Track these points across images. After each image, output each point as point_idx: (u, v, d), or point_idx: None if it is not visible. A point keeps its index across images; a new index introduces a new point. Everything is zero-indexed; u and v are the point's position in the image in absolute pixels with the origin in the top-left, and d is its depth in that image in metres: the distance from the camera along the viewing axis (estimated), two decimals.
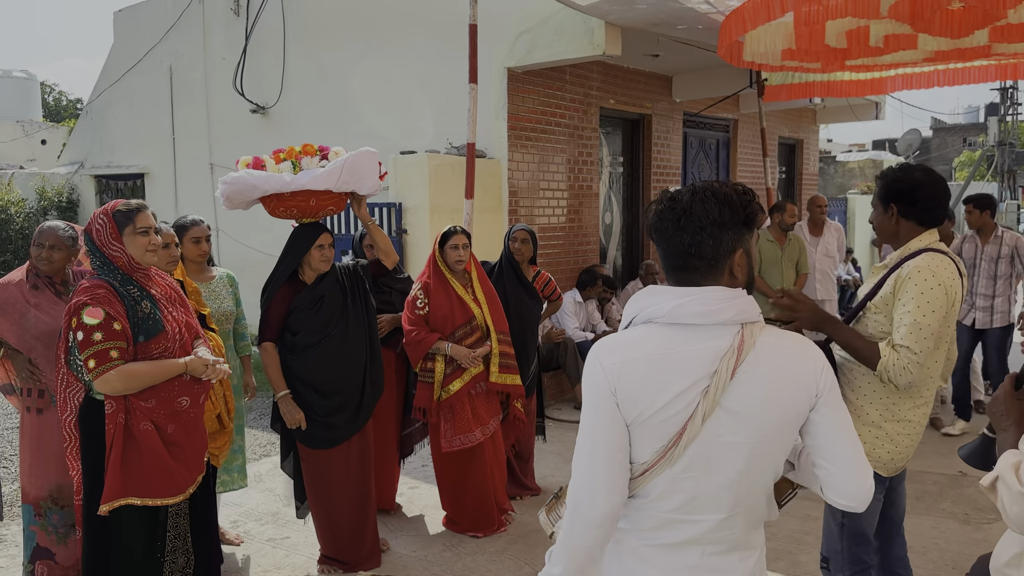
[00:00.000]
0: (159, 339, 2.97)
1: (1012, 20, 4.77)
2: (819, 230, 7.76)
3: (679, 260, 1.71)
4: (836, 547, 2.83)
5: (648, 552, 1.73)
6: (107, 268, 2.98)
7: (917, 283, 2.58)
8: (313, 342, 3.89)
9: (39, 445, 3.59)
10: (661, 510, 1.71)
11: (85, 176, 11.56)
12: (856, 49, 5.33)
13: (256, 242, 9.50)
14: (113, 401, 2.89)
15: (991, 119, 34.54)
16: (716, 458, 1.66)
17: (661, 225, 1.72)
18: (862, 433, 2.72)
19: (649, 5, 5.59)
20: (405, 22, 8.09)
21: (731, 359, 1.63)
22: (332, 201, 3.90)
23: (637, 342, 1.69)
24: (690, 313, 1.67)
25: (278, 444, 6.22)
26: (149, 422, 2.94)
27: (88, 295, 2.87)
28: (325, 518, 4.06)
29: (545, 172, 7.90)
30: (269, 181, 3.76)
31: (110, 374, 2.82)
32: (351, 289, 4.04)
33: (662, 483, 1.69)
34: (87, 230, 3.02)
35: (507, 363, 4.52)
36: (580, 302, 7.57)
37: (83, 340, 2.83)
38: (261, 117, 9.48)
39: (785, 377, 1.68)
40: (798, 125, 12.59)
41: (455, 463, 4.46)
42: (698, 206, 1.68)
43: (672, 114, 9.71)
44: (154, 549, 3.04)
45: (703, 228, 1.67)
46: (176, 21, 10.27)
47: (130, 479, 2.91)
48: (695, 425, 1.63)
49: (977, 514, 4.69)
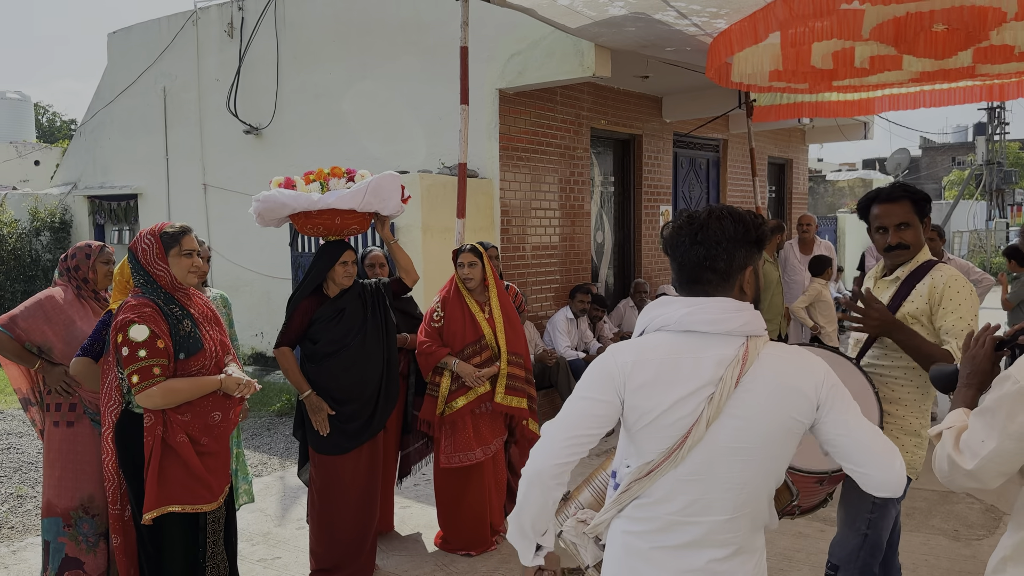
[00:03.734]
0: (198, 357, 3.11)
1: (995, 41, 4.85)
2: (808, 248, 7.82)
3: (693, 273, 1.82)
4: (851, 557, 2.84)
5: (655, 555, 1.80)
6: (151, 287, 3.12)
7: (959, 291, 2.69)
8: (332, 351, 4.05)
9: (71, 457, 3.67)
10: (665, 512, 1.78)
11: (78, 197, 11.57)
12: (842, 70, 5.42)
13: (249, 262, 9.53)
14: (152, 415, 3.04)
15: (979, 138, 34.91)
16: (719, 462, 1.75)
17: (678, 240, 1.83)
18: (904, 443, 2.79)
19: (638, 28, 5.66)
20: (398, 44, 8.17)
21: (736, 368, 1.73)
22: (356, 220, 4.09)
23: (650, 346, 1.80)
24: (699, 321, 1.77)
25: (269, 464, 6.25)
26: (184, 434, 3.09)
27: (135, 312, 3.00)
28: (326, 526, 4.11)
29: (537, 192, 7.95)
30: (298, 200, 3.96)
31: (152, 390, 2.96)
32: (372, 304, 4.22)
33: (666, 484, 1.77)
34: (132, 248, 3.16)
35: (515, 385, 4.50)
36: (571, 319, 7.59)
37: (128, 356, 2.96)
38: (255, 138, 9.52)
39: (785, 387, 1.76)
40: (787, 145, 12.71)
41: (453, 479, 4.48)
42: (714, 223, 1.79)
43: (662, 134, 9.79)
44: (197, 554, 3.21)
45: (718, 243, 1.78)
46: (170, 43, 10.34)
47: (170, 487, 3.06)
48: (699, 429, 1.72)
49: (967, 531, 4.71)
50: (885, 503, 2.79)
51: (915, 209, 2.81)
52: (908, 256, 2.85)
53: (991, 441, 1.75)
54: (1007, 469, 1.77)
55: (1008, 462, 1.76)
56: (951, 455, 1.84)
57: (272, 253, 8.91)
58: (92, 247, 3.82)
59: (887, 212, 2.83)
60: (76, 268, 3.78)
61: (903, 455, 2.77)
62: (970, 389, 2.02)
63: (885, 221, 2.83)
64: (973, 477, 1.80)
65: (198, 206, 10.11)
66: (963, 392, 2.03)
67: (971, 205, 31.86)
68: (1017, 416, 1.71)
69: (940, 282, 2.72)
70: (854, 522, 2.84)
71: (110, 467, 3.21)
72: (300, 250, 7.92)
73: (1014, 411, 1.71)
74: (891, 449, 1.79)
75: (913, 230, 2.81)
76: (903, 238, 2.81)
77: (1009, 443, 1.73)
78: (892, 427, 2.80)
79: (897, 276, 2.85)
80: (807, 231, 7.84)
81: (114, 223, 11.35)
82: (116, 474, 3.21)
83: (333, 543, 4.11)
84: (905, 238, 2.81)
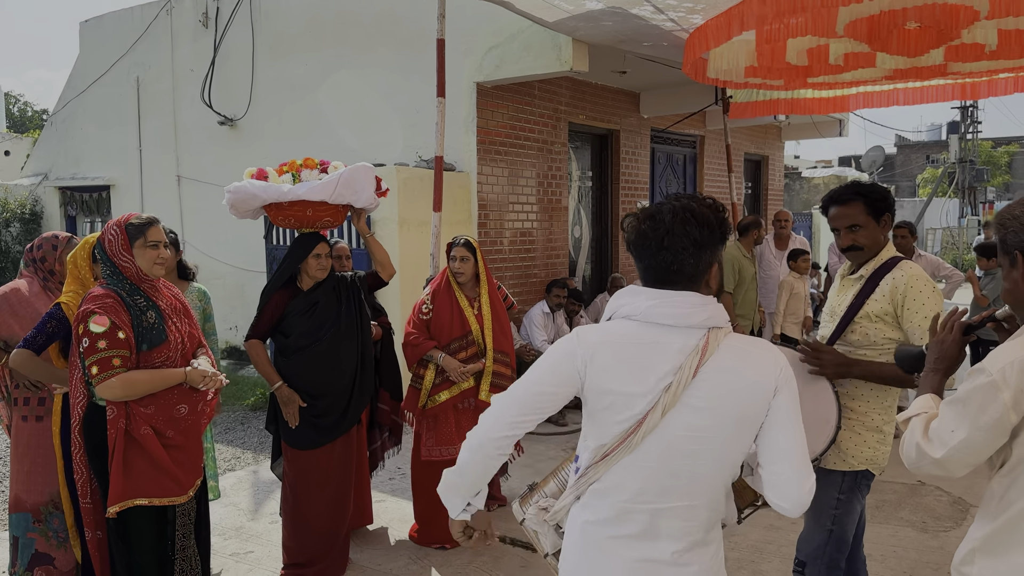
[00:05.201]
0: (161, 348, 3.09)
1: (966, 40, 4.92)
2: (784, 244, 7.88)
3: (661, 275, 1.82)
4: (818, 553, 2.86)
5: (610, 544, 1.82)
6: (116, 277, 3.10)
7: (921, 290, 2.70)
8: (304, 345, 4.01)
9: (40, 452, 3.62)
10: (619, 499, 1.80)
11: (49, 188, 11.39)
12: (817, 67, 5.46)
13: (223, 254, 9.44)
14: (115, 407, 3.01)
15: (952, 137, 35.33)
16: (674, 451, 1.76)
17: (643, 243, 1.81)
18: (867, 439, 2.80)
19: (615, 22, 5.67)
20: (375, 36, 8.12)
21: (695, 358, 1.74)
22: (329, 213, 4.06)
23: (614, 330, 1.82)
24: (663, 314, 1.78)
25: (242, 458, 6.21)
26: (148, 427, 3.06)
27: (96, 303, 2.98)
28: (299, 520, 4.08)
29: (515, 186, 7.95)
30: (268, 191, 3.94)
31: (112, 381, 2.94)
32: (346, 298, 4.18)
33: (620, 470, 1.79)
34: (99, 239, 3.13)
35: (500, 383, 4.45)
36: (548, 313, 7.60)
37: (88, 347, 2.94)
38: (229, 129, 9.43)
39: (745, 378, 1.77)
40: (764, 142, 12.79)
41: (433, 472, 4.37)
42: (679, 227, 1.77)
43: (640, 130, 9.82)
44: (165, 548, 3.19)
45: (685, 249, 1.77)
46: (143, 32, 10.20)
47: (135, 480, 3.04)
48: (655, 416, 1.73)
49: (934, 522, 4.77)
50: (849, 498, 2.82)
51: (869, 209, 2.79)
52: (864, 257, 2.85)
53: (961, 432, 1.77)
54: (974, 460, 1.80)
55: (976, 453, 1.78)
56: (920, 443, 1.85)
57: (247, 245, 8.84)
58: (59, 238, 3.75)
59: (838, 214, 2.84)
60: (42, 259, 3.71)
61: (866, 450, 2.80)
62: (937, 374, 2.04)
63: (837, 223, 2.85)
64: (940, 466, 1.82)
65: (171, 198, 9.99)
66: (930, 377, 2.04)
67: (944, 202, 32.28)
68: (988, 408, 1.73)
69: (901, 282, 2.73)
70: (819, 518, 2.87)
71: (79, 460, 3.17)
72: (275, 243, 7.85)
73: (985, 403, 1.73)
74: (808, 471, 1.79)
75: (866, 231, 2.81)
76: (855, 240, 2.82)
77: (979, 435, 1.75)
78: (854, 423, 2.81)
79: (861, 275, 2.86)
80: (784, 227, 7.90)
81: (86, 214, 11.20)
82: (86, 467, 3.18)
83: (306, 537, 4.09)
84: (857, 240, 2.82)
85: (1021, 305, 1.86)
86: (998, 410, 1.72)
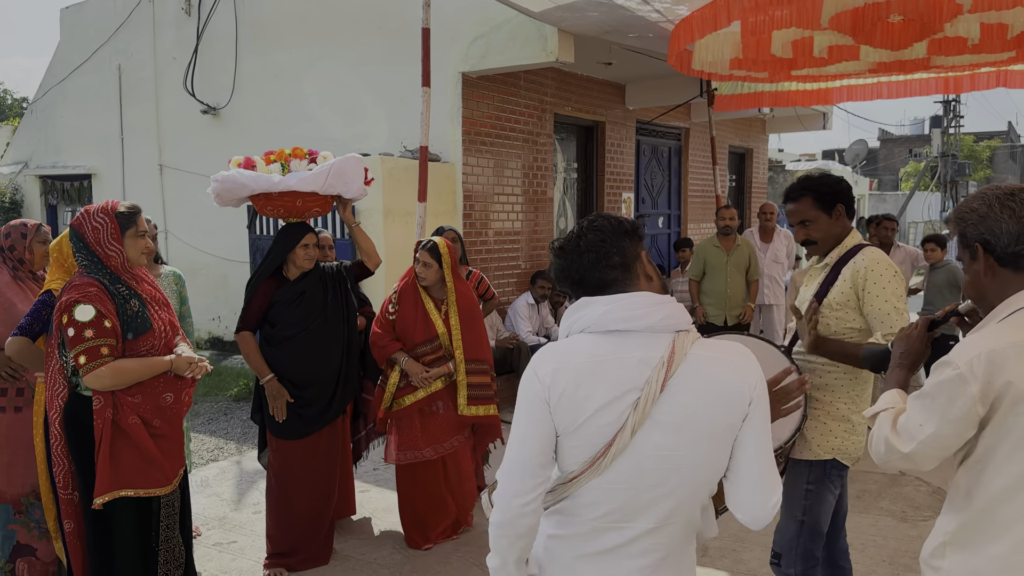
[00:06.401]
0: (147, 337, 3.05)
1: (948, 33, 4.95)
2: (769, 236, 7.91)
3: (595, 276, 1.75)
4: (791, 544, 2.88)
5: (578, 564, 1.74)
6: (96, 267, 3.04)
7: (881, 274, 2.71)
8: (291, 335, 4.01)
9: (20, 443, 3.55)
10: (589, 517, 1.71)
11: (30, 176, 11.27)
12: (801, 59, 5.48)
13: (205, 244, 9.38)
14: (101, 397, 2.97)
15: (935, 131, 35.60)
16: (646, 470, 1.66)
17: (567, 262, 1.78)
18: (833, 429, 2.81)
19: (600, 13, 5.66)
20: (359, 25, 8.07)
21: (661, 371, 1.63)
22: (318, 203, 4.05)
23: (570, 351, 1.71)
24: (618, 319, 1.69)
25: (226, 448, 6.18)
26: (136, 416, 3.02)
27: (79, 293, 2.93)
28: (283, 510, 4.08)
29: (500, 177, 7.94)
30: (258, 181, 3.90)
31: (101, 370, 2.90)
32: (332, 288, 4.16)
33: (590, 491, 1.69)
34: (76, 227, 3.05)
35: (480, 394, 4.29)
36: (533, 304, 7.61)
37: (74, 336, 2.89)
38: (212, 118, 9.35)
39: (717, 389, 1.66)
40: (748, 134, 12.84)
41: (404, 474, 4.38)
42: (588, 229, 1.77)
43: (625, 122, 9.83)
44: (150, 539, 3.15)
45: (603, 241, 1.74)
46: (125, 19, 10.09)
47: (123, 471, 3.00)
48: (624, 437, 1.63)
49: (914, 512, 4.83)
50: (819, 488, 2.83)
51: (818, 203, 2.82)
52: (821, 249, 2.89)
53: (929, 426, 1.78)
54: (943, 453, 1.81)
55: (945, 446, 1.79)
56: (888, 437, 1.86)
57: (229, 236, 8.78)
58: (28, 226, 3.67)
59: (790, 211, 2.90)
60: (11, 248, 3.62)
61: (832, 440, 2.82)
62: (902, 369, 2.06)
63: (791, 219, 2.91)
64: (909, 460, 1.83)
65: (154, 187, 9.91)
66: (896, 372, 2.06)
67: (926, 196, 32.55)
68: (956, 401, 1.74)
69: (862, 266, 2.74)
70: (791, 508, 2.89)
71: (59, 452, 3.14)
72: (258, 233, 7.81)
73: (954, 396, 1.74)
74: (774, 487, 1.72)
75: (816, 224, 2.84)
76: (808, 234, 2.87)
77: (947, 428, 1.76)
78: (819, 412, 2.82)
79: (826, 263, 2.89)
80: (769, 220, 7.93)
81: (67, 203, 11.08)
82: (66, 458, 3.14)
83: (290, 527, 4.08)
84: (810, 234, 2.87)
85: (983, 298, 1.87)
86: (966, 403, 1.73)
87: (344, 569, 4.14)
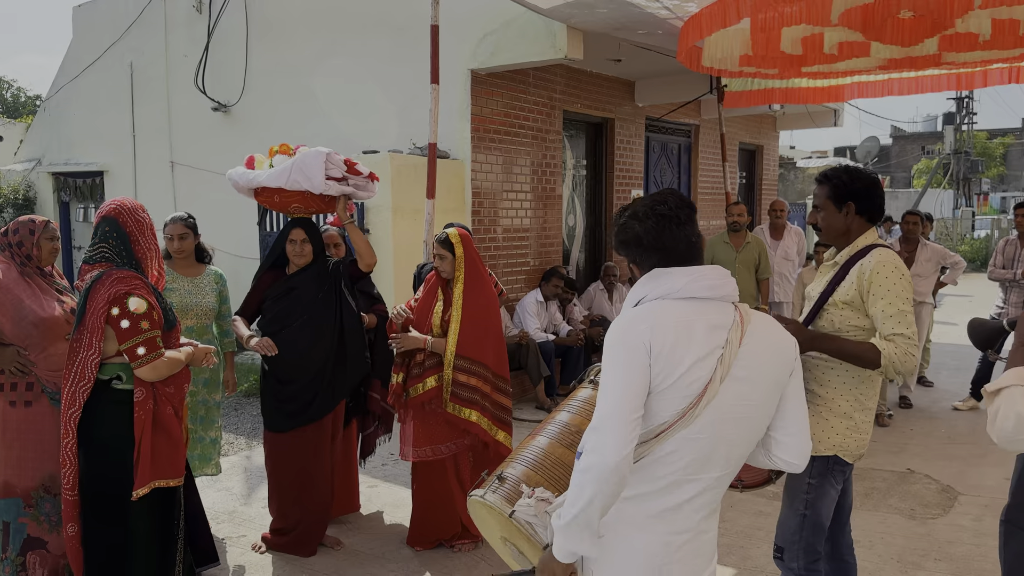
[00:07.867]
0: (175, 331, 3.22)
1: (960, 29, 4.91)
2: (779, 234, 7.90)
3: (686, 253, 1.94)
4: (794, 538, 2.89)
5: (651, 523, 1.87)
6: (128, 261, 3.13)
7: (888, 275, 2.70)
8: (272, 331, 4.11)
9: (31, 437, 3.55)
10: (669, 471, 1.85)
11: (43, 173, 11.34)
12: (811, 56, 5.46)
13: (217, 241, 9.39)
14: (143, 388, 3.03)
15: (947, 128, 35.35)
16: (725, 420, 1.85)
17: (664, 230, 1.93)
18: (835, 425, 2.82)
19: (610, 9, 5.66)
20: (369, 22, 8.09)
21: (737, 332, 1.87)
22: (296, 199, 4.10)
23: (660, 312, 1.87)
24: (701, 287, 1.89)
25: (236, 443, 6.23)
26: (170, 407, 3.12)
27: (126, 285, 2.98)
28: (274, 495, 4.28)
29: (509, 174, 7.94)
30: (243, 177, 4.16)
31: (159, 361, 2.99)
32: (326, 286, 4.16)
33: (673, 444, 1.84)
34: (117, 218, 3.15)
35: (465, 396, 4.05)
36: (541, 302, 7.62)
37: (130, 327, 2.95)
38: (223, 115, 9.39)
39: (774, 347, 1.94)
40: (758, 131, 12.79)
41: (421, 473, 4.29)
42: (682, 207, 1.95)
43: (635, 119, 9.81)
44: (172, 527, 3.23)
45: (691, 220, 1.96)
46: (137, 17, 10.13)
47: (160, 462, 3.08)
48: (714, 387, 1.82)
49: (922, 510, 4.81)
50: (821, 483, 2.84)
51: (831, 194, 2.88)
52: (825, 238, 2.98)
53: None
54: None
55: None
56: (1022, 413, 1.82)
57: (241, 232, 8.81)
58: (36, 223, 3.63)
59: (814, 193, 3.00)
60: (19, 244, 3.58)
61: (834, 436, 2.82)
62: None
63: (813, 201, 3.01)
64: None
65: (165, 184, 9.96)
66: (1020, 351, 2.03)
67: (939, 193, 32.34)
68: None
69: (868, 267, 2.74)
70: (792, 502, 2.90)
71: (69, 451, 3.12)
72: (268, 229, 7.86)
73: None
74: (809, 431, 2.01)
75: (825, 213, 2.91)
76: (816, 220, 2.97)
77: None
78: (820, 408, 2.82)
79: (836, 261, 2.91)
80: (779, 217, 7.92)
81: (80, 200, 11.16)
82: (75, 457, 3.13)
83: (281, 513, 4.26)
84: (818, 220, 2.96)
85: None
86: None
87: (353, 563, 4.16)
